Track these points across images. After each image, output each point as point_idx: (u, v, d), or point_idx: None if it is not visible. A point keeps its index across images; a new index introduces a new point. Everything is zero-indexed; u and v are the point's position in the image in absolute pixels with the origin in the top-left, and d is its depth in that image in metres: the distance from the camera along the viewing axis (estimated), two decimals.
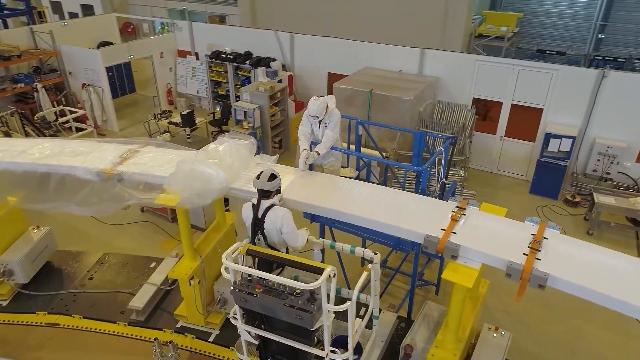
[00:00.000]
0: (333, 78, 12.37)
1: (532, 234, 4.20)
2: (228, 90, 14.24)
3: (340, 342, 4.32)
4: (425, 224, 4.39)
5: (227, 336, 5.93)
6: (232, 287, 4.03)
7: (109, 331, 6.12)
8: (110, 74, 13.98)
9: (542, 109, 10.53)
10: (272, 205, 4.39)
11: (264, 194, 4.36)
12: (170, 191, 4.94)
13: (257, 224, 4.40)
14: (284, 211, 4.38)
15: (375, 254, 4.28)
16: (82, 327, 6.19)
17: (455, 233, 4.23)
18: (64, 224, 8.81)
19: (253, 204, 4.45)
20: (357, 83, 10.74)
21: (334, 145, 5.78)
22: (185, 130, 11.34)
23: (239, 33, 14.22)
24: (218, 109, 13.84)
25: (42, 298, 6.63)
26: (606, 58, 15.18)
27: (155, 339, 4.75)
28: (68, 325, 6.22)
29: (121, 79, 15.70)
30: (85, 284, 6.88)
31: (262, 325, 4.21)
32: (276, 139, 12.33)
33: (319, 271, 3.83)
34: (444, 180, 5.93)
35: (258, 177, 4.39)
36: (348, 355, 4.04)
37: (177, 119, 12.45)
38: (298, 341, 4.05)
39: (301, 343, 4.04)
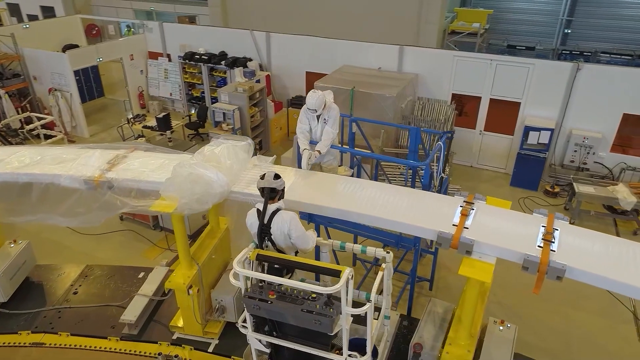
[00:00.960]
0: (311, 77, 12.28)
1: (542, 226, 4.20)
2: (203, 92, 13.88)
3: (352, 345, 4.20)
4: (435, 220, 4.34)
5: (227, 345, 5.74)
6: (243, 295, 3.84)
7: (100, 347, 5.79)
8: (77, 78, 13.36)
9: (519, 103, 10.72)
10: (277, 210, 4.23)
11: (270, 194, 4.19)
12: (166, 197, 4.70)
13: (264, 230, 4.22)
14: (291, 215, 4.22)
15: (388, 252, 4.19)
16: (70, 345, 5.84)
17: (467, 228, 4.18)
18: (37, 236, 8.31)
19: (258, 209, 4.27)
20: (337, 81, 10.67)
21: (332, 143, 5.65)
22: (165, 134, 10.99)
23: (212, 33, 13.88)
24: (193, 112, 13.50)
25: (24, 316, 6.24)
26: (573, 52, 15.66)
27: (159, 354, 4.51)
28: (55, 344, 5.87)
29: (89, 83, 15.07)
30: (69, 299, 6.51)
31: (274, 333, 4.05)
32: (256, 140, 12.09)
33: (335, 273, 3.71)
34: (443, 174, 5.91)
35: (262, 177, 4.23)
36: (367, 358, 3.92)
37: (151, 122, 12.04)
38: (314, 347, 3.91)
39: (317, 349, 3.90)
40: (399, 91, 10.18)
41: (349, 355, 3.89)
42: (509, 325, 5.22)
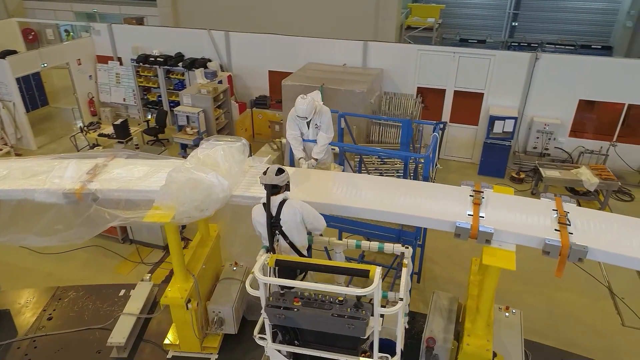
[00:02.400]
0: (275, 76, 12.01)
1: (553, 209, 4.23)
2: (160, 96, 13.23)
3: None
4: (449, 211, 4.26)
5: (228, 359, 5.43)
6: (265, 305, 3.59)
7: None
8: (18, 86, 12.31)
9: (482, 94, 11.00)
10: (284, 200, 4.05)
11: (272, 190, 4.02)
12: (162, 206, 4.33)
13: (274, 224, 4.01)
14: (300, 202, 4.11)
15: (407, 247, 4.08)
16: None
17: (482, 217, 4.14)
18: None
19: (264, 204, 4.07)
20: (305, 79, 10.50)
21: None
22: (123, 141, 10.35)
23: (167, 34, 13.23)
24: (151, 117, 12.85)
25: None
26: (521, 44, 16.32)
27: None
28: None
29: (31, 92, 13.94)
30: (44, 325, 5.94)
31: (296, 342, 3.83)
32: None
33: (362, 274, 3.54)
34: (438, 165, 5.89)
35: (264, 173, 4.03)
36: (397, 359, 3.78)
37: (107, 130, 11.32)
38: (342, 353, 3.72)
39: (346, 354, 3.71)
40: (368, 86, 10.15)
41: (380, 357, 3.73)
42: (514, 311, 5.26)
